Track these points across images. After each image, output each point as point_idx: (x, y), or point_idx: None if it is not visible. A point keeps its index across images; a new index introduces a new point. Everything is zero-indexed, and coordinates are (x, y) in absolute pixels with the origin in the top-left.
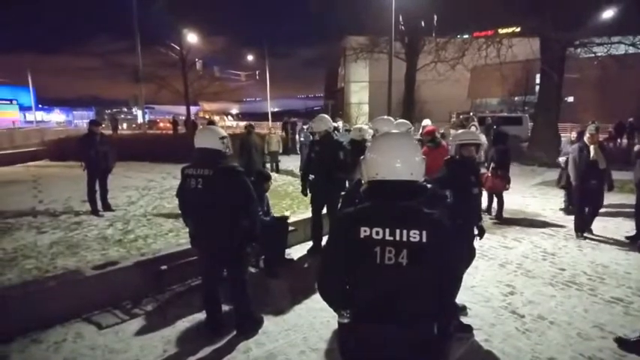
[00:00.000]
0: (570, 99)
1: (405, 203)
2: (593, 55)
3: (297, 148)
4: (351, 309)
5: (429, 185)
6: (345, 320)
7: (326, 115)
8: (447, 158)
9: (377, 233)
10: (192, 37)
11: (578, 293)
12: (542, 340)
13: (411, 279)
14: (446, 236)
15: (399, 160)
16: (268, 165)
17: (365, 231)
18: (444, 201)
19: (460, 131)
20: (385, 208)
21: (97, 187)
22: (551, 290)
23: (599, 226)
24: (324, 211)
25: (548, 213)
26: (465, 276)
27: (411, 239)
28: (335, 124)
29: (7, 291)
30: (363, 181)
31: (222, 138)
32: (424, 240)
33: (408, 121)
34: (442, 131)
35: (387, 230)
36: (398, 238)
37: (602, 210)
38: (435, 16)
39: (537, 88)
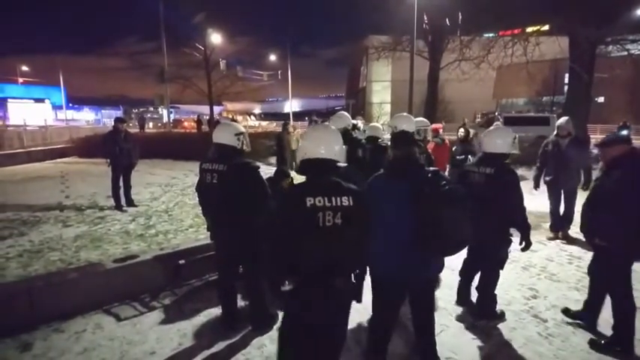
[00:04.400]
0: (600, 99)
1: (331, 179)
2: (625, 52)
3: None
4: (294, 277)
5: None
6: (289, 288)
7: (345, 113)
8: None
9: (319, 201)
10: (215, 38)
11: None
12: (565, 346)
13: (345, 237)
14: (365, 201)
15: (323, 145)
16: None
17: (310, 200)
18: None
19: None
20: (320, 182)
21: (121, 183)
22: (576, 295)
23: None
24: None
25: (575, 216)
26: None
27: (344, 204)
28: (354, 122)
29: (31, 282)
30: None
31: (238, 134)
32: (351, 204)
33: (426, 120)
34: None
35: (326, 198)
36: (334, 203)
37: None
38: (460, 15)
39: (566, 88)
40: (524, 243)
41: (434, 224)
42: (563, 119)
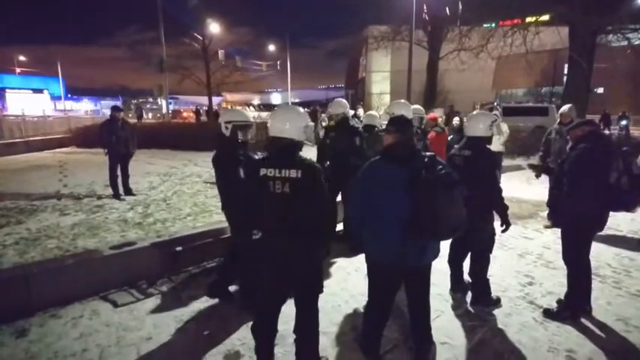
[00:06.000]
0: (600, 90)
1: (289, 154)
2: (626, 42)
3: (313, 137)
4: (260, 229)
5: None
6: (257, 237)
7: (343, 100)
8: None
9: (270, 172)
10: (214, 27)
11: (601, 286)
12: (560, 331)
13: (292, 203)
14: (314, 174)
15: (286, 124)
16: None
17: (262, 171)
18: None
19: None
20: (277, 156)
21: (119, 172)
22: None
23: (626, 218)
24: (339, 198)
25: None
26: None
27: (291, 175)
28: (354, 111)
29: (28, 268)
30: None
31: (227, 122)
32: (299, 176)
33: (422, 108)
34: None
35: (277, 170)
36: (283, 174)
37: None
38: (460, 4)
39: (565, 78)
40: (504, 225)
41: (431, 208)
42: (566, 106)
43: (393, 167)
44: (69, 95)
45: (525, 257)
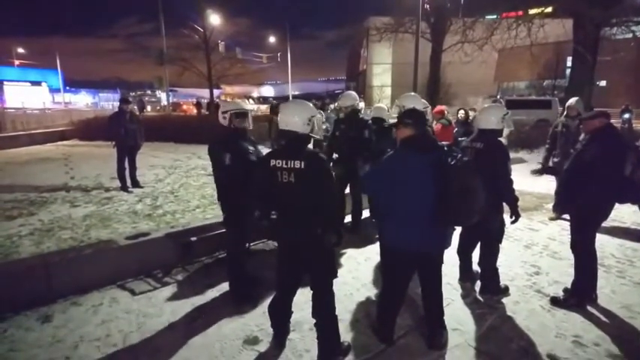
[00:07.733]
0: (602, 83)
1: (296, 146)
2: (630, 34)
3: (322, 131)
4: (275, 211)
5: None
6: (274, 217)
7: (353, 92)
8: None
9: (278, 163)
10: (215, 19)
11: (605, 275)
12: (567, 318)
13: (297, 192)
14: (319, 165)
15: (295, 117)
16: None
17: (273, 162)
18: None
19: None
20: (285, 148)
21: (126, 164)
22: None
23: (629, 210)
24: (347, 190)
25: None
26: None
27: (295, 166)
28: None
29: (48, 257)
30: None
31: (224, 112)
32: (302, 167)
33: (425, 101)
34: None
35: (284, 161)
36: (289, 165)
37: None
38: None
39: (568, 71)
40: (514, 216)
41: (457, 191)
42: (573, 99)
43: (417, 156)
44: (67, 87)
45: (531, 248)
